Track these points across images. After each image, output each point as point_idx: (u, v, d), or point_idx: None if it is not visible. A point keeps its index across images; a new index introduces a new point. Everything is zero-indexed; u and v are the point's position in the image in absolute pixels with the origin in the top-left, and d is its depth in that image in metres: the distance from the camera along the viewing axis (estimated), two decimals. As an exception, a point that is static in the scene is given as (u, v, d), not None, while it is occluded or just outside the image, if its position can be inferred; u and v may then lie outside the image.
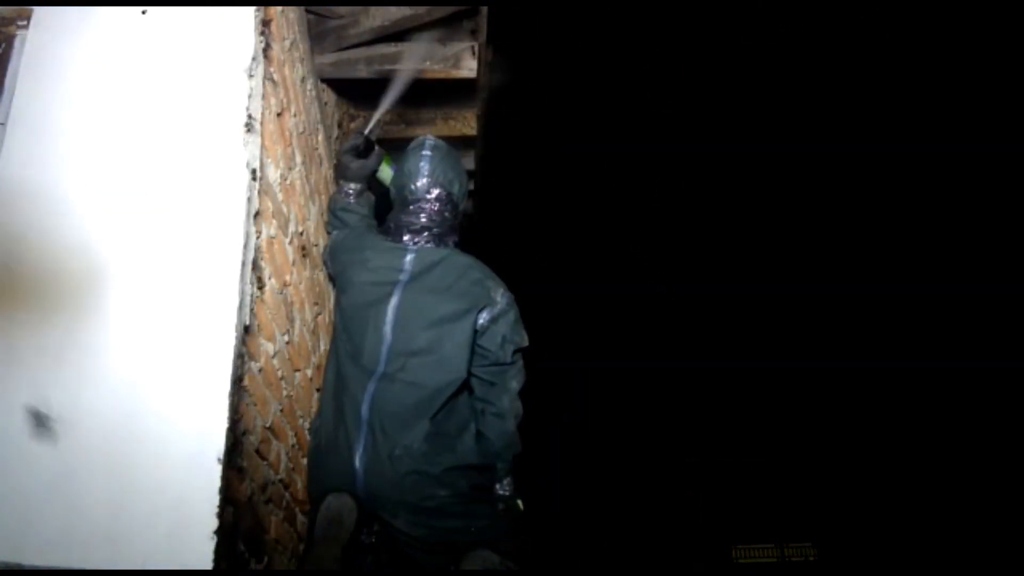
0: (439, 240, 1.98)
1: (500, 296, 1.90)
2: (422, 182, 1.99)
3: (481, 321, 1.86)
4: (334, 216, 2.19)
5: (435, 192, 1.99)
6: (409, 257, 1.94)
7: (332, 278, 2.18)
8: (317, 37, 2.40)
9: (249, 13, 1.48)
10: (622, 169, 6.87)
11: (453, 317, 1.84)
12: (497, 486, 1.95)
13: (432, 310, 1.86)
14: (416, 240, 1.97)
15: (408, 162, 2.03)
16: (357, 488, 1.75)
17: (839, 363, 8.98)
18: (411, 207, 1.99)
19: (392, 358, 1.82)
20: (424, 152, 2.02)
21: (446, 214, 2.00)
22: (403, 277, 1.91)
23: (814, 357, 9.01)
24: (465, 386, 1.88)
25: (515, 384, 1.90)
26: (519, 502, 1.98)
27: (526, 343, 1.93)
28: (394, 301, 1.87)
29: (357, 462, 1.75)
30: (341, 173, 2.18)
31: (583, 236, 7.87)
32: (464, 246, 2.18)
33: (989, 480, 8.28)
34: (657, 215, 7.49)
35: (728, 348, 9.29)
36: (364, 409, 1.79)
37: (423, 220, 1.97)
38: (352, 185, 2.16)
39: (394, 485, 1.73)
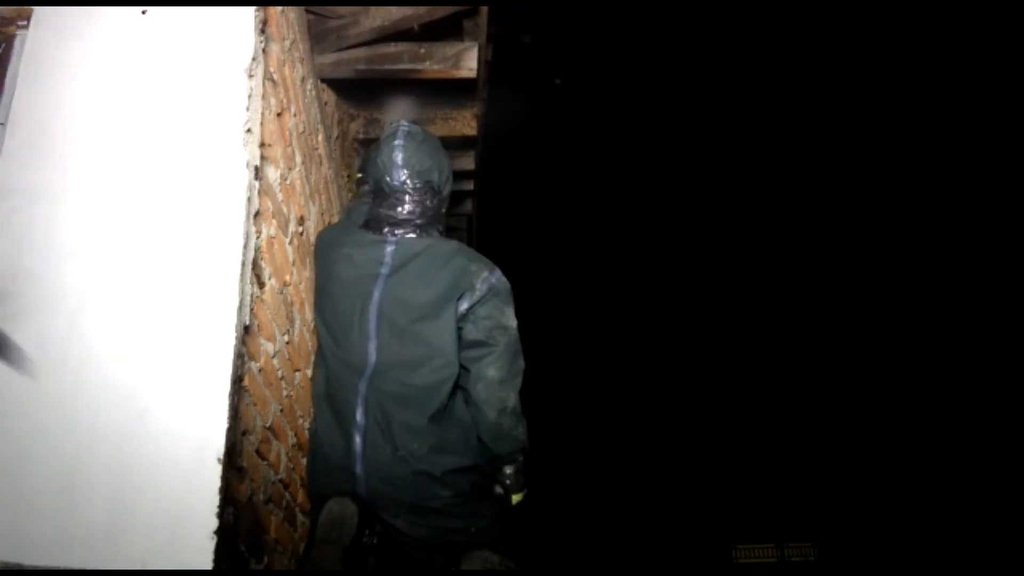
0: (421, 230, 1.88)
1: (481, 281, 1.79)
2: (397, 174, 1.86)
3: (463, 307, 1.78)
4: None
5: (413, 183, 1.86)
6: (390, 249, 1.85)
7: (317, 282, 2.04)
8: (317, 37, 2.40)
9: (249, 13, 1.48)
10: (622, 169, 6.86)
11: (437, 307, 1.77)
12: (497, 476, 1.91)
13: (416, 302, 1.78)
14: (397, 232, 1.86)
15: (381, 154, 1.89)
16: (358, 490, 1.74)
17: (839, 363, 8.98)
18: (390, 199, 1.87)
19: (380, 355, 1.78)
20: (396, 142, 1.87)
21: (427, 203, 1.88)
22: (384, 270, 1.82)
23: (814, 356, 9.01)
24: (458, 376, 1.83)
25: (492, 372, 1.75)
26: (513, 496, 1.90)
27: (510, 323, 1.81)
28: (376, 296, 1.80)
29: (357, 466, 1.74)
30: None
31: (582, 236, 7.86)
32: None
33: (989, 480, 8.28)
34: (658, 215, 7.49)
35: (728, 347, 9.29)
36: (359, 412, 1.77)
37: (404, 213, 1.86)
38: None
39: (395, 486, 1.72)
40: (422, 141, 1.91)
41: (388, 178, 1.87)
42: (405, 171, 1.85)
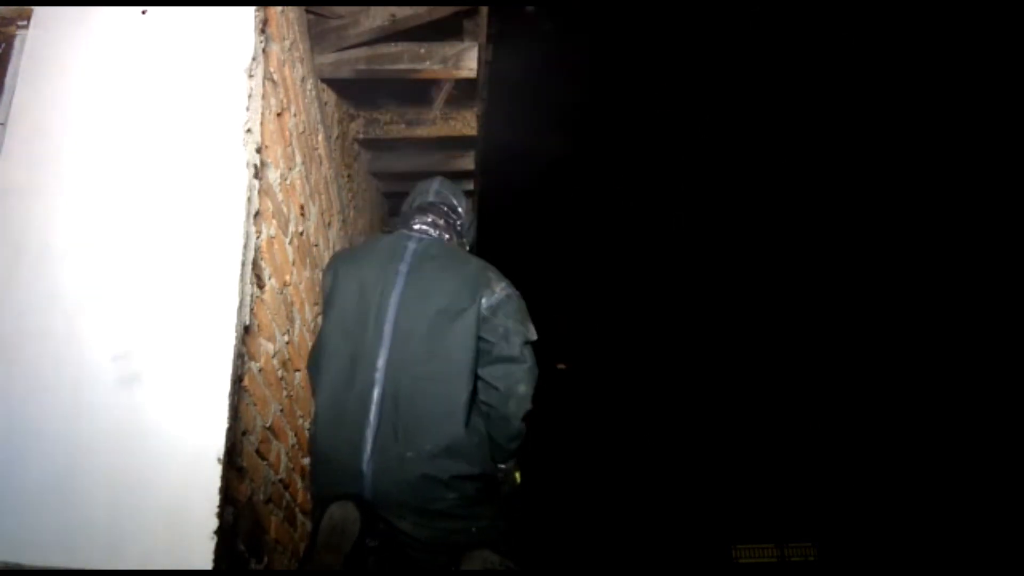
0: (443, 231, 2.04)
1: (500, 288, 1.85)
2: (432, 190, 2.16)
3: (482, 311, 1.81)
4: None
5: (441, 198, 2.14)
6: (411, 248, 1.94)
7: (328, 285, 2.13)
8: (317, 37, 2.40)
9: (249, 13, 1.48)
10: (622, 169, 6.87)
11: (455, 309, 1.80)
12: (501, 466, 1.93)
13: (434, 300, 1.82)
14: (421, 226, 2.03)
15: (421, 183, 2.23)
16: (364, 490, 1.73)
17: (838, 363, 8.98)
18: (423, 205, 2.12)
19: (394, 353, 1.78)
20: (436, 179, 2.23)
21: (449, 218, 2.10)
22: (403, 267, 1.88)
23: (813, 357, 9.01)
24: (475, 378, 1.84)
25: (523, 388, 1.82)
26: (517, 475, 1.97)
27: (534, 337, 1.87)
28: (395, 294, 1.83)
29: (365, 465, 1.73)
30: None
31: (582, 236, 7.86)
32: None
33: (989, 480, 8.28)
34: (657, 215, 7.49)
35: (728, 348, 9.29)
36: (372, 411, 1.76)
37: (431, 211, 2.08)
38: None
39: (403, 488, 1.71)
40: (453, 185, 2.25)
41: (424, 193, 2.17)
42: (437, 191, 2.17)
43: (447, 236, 2.04)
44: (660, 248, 7.99)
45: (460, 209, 2.15)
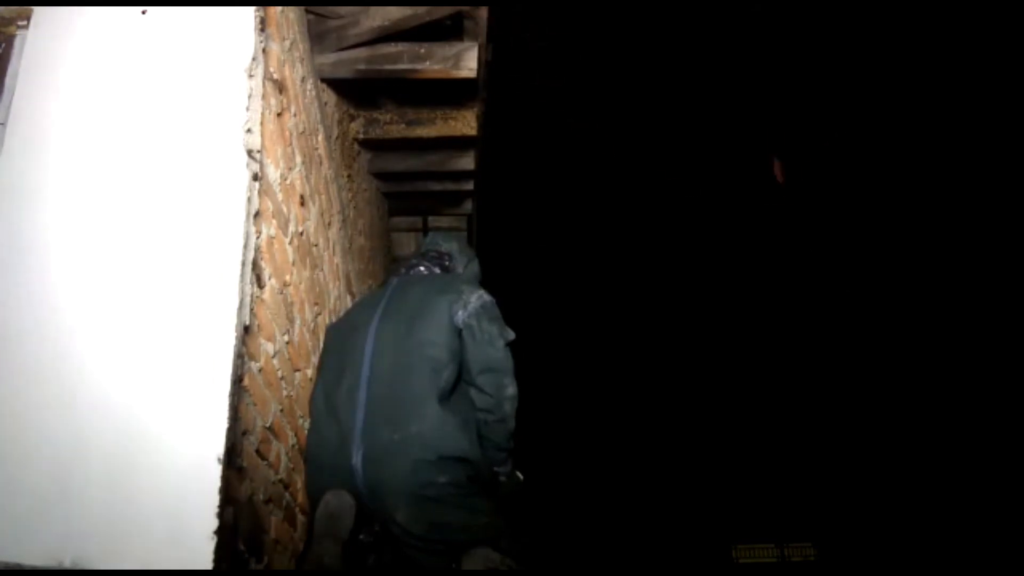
0: (429, 269, 2.26)
1: (476, 296, 2.00)
2: (425, 242, 2.39)
3: (459, 317, 1.94)
4: None
5: (431, 247, 2.36)
6: (395, 281, 2.19)
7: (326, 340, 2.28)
8: (317, 37, 2.40)
9: (249, 13, 1.48)
10: (622, 168, 6.87)
11: (430, 304, 1.97)
12: (498, 468, 2.01)
13: (410, 307, 2.00)
14: (408, 270, 2.24)
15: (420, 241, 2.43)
16: (357, 484, 1.75)
17: (838, 363, 8.98)
18: (413, 254, 2.40)
19: (378, 355, 1.91)
20: (430, 234, 2.46)
21: (439, 261, 2.29)
22: (389, 291, 2.12)
23: (813, 357, 9.01)
24: (457, 373, 1.91)
25: (511, 389, 1.96)
26: (518, 474, 2.07)
27: (512, 336, 2.01)
28: (379, 312, 2.02)
29: (355, 457, 1.76)
30: None
31: (582, 235, 7.86)
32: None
33: (989, 480, 8.28)
34: (657, 214, 7.49)
35: (728, 348, 9.29)
36: (360, 403, 1.82)
37: (417, 257, 2.29)
38: None
39: (395, 473, 1.73)
40: (444, 234, 2.52)
41: (421, 247, 2.39)
42: (428, 243, 2.39)
43: (435, 269, 2.26)
44: (660, 247, 7.99)
45: (451, 252, 2.36)
